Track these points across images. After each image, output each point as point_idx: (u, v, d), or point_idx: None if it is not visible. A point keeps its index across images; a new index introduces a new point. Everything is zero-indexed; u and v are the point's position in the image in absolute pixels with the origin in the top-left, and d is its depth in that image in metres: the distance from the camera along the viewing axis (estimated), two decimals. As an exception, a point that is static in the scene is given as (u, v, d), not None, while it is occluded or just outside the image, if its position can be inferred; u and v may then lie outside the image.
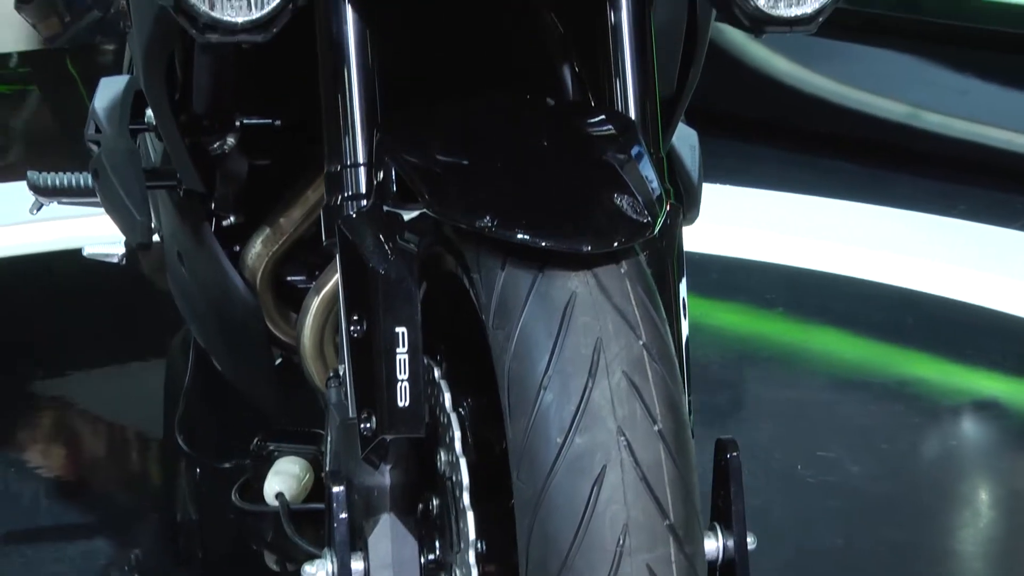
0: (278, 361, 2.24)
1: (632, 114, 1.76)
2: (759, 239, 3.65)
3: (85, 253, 2.89)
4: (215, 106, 1.99)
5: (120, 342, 3.15)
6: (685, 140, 2.20)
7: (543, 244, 1.54)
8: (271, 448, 2.48)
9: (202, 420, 2.80)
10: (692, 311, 1.73)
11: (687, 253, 1.78)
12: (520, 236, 1.55)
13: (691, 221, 2.17)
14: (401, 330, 1.65)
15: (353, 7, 1.73)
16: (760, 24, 1.74)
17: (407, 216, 1.66)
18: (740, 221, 3.74)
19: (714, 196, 3.78)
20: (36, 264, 3.46)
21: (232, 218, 2.15)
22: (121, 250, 2.85)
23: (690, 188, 2.17)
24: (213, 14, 1.63)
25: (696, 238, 3.50)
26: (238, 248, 2.16)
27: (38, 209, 2.70)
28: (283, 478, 2.41)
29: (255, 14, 1.64)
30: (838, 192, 3.90)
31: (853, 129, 4.20)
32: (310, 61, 1.76)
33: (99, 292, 3.27)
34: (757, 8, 1.72)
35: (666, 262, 1.70)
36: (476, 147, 1.66)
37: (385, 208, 1.68)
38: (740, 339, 3.33)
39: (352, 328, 1.68)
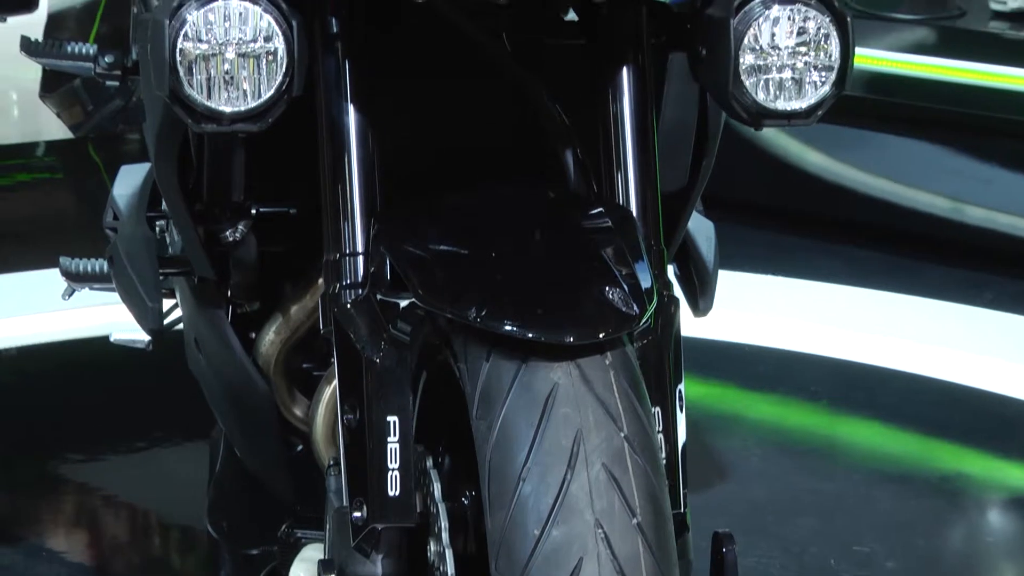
0: (299, 448, 2.24)
1: (633, 206, 1.77)
2: (802, 330, 3.62)
3: (113, 339, 2.91)
4: (230, 194, 2.00)
5: (147, 427, 3.17)
6: (702, 231, 2.20)
7: (527, 335, 1.55)
8: (298, 535, 2.47)
9: (232, 506, 2.80)
10: (732, 403, 1.72)
11: (722, 343, 1.78)
12: (504, 327, 1.56)
13: (705, 312, 2.16)
14: (393, 419, 1.66)
15: (354, 98, 1.75)
16: (758, 117, 1.74)
17: (401, 305, 1.67)
18: (781, 311, 3.72)
19: (752, 286, 3.81)
20: (66, 350, 3.48)
21: (247, 305, 2.15)
22: (148, 336, 2.87)
23: (704, 279, 2.16)
24: (209, 104, 1.66)
25: (739, 329, 3.56)
26: (253, 335, 2.16)
27: (70, 295, 2.72)
28: (308, 565, 2.40)
29: (250, 105, 1.67)
30: (867, 281, 3.88)
31: (879, 218, 4.18)
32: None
33: (126, 378, 3.29)
34: (755, 102, 1.73)
35: (662, 355, 1.70)
36: (469, 238, 1.68)
37: (379, 297, 1.69)
38: (781, 431, 3.30)
39: (345, 416, 1.68)
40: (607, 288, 1.60)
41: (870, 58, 4.27)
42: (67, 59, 2.76)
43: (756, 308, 3.66)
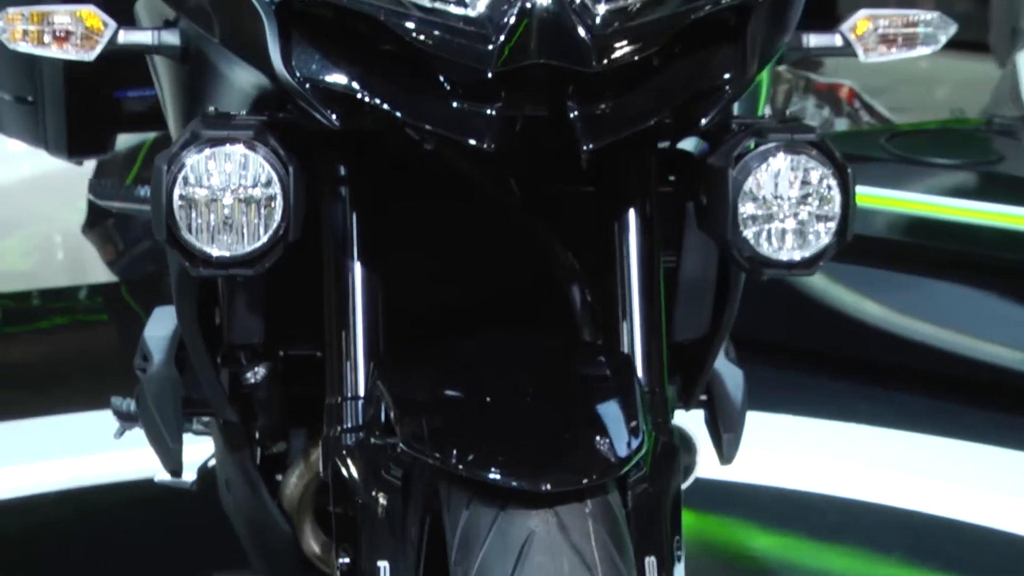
0: None
1: (637, 353, 1.77)
2: (862, 478, 3.59)
3: (156, 479, 2.90)
4: (252, 336, 2.01)
5: (190, 568, 3.15)
6: (729, 378, 2.18)
7: (507, 482, 1.55)
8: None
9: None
10: (801, 555, 1.69)
11: (786, 491, 1.76)
12: (485, 474, 1.56)
13: (729, 460, 2.15)
14: (383, 564, 1.66)
15: (359, 242, 1.77)
16: (758, 267, 1.74)
17: (398, 449, 1.67)
18: (841, 457, 3.69)
19: (807, 431, 3.79)
20: (112, 491, 3.48)
21: (272, 447, 2.15)
22: (192, 476, 2.87)
23: (730, 427, 2.15)
24: (205, 249, 1.67)
25: (805, 476, 3.52)
26: (279, 477, 2.16)
27: (120, 434, 2.74)
28: None
29: (246, 249, 1.68)
30: (915, 426, 3.85)
31: (923, 363, 4.16)
32: None
33: (170, 518, 3.28)
34: (755, 251, 1.73)
35: (659, 503, 1.69)
36: (461, 384, 1.69)
37: (373, 441, 1.70)
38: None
39: (340, 560, 1.70)
40: (593, 435, 1.60)
41: (909, 202, 4.28)
42: (134, 202, 2.80)
43: (814, 453, 3.62)
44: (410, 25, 1.63)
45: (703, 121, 1.70)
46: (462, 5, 1.64)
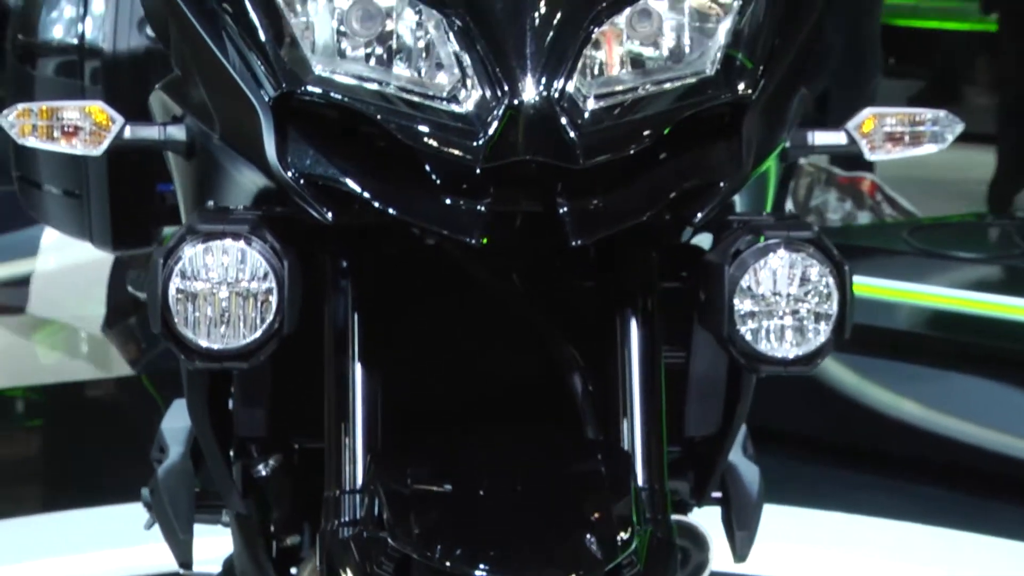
0: None
1: (637, 449, 1.77)
2: (889, 573, 3.55)
3: (182, 573, 2.90)
4: (264, 428, 2.01)
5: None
6: (746, 475, 2.17)
7: None
8: None
9: None
10: None
11: None
12: (469, 571, 1.57)
13: (743, 557, 2.13)
14: None
15: (359, 337, 1.78)
16: (755, 363, 1.73)
17: (390, 544, 1.66)
18: (863, 551, 3.66)
19: (828, 524, 3.76)
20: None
21: (287, 539, 2.15)
22: (217, 568, 2.86)
23: (744, 524, 2.13)
24: (199, 342, 1.68)
25: (825, 570, 3.48)
26: (294, 570, 2.15)
27: (150, 526, 2.73)
28: None
29: (240, 343, 1.69)
30: (932, 519, 3.81)
31: (938, 454, 4.15)
32: None
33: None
34: (752, 348, 1.73)
35: None
36: (453, 479, 1.69)
37: (366, 535, 1.70)
38: None
39: None
40: (582, 532, 1.61)
41: (932, 296, 4.28)
42: None
43: (834, 547, 3.58)
44: (399, 121, 1.65)
45: (697, 218, 1.70)
46: (453, 101, 1.66)
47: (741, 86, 1.70)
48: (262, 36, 1.70)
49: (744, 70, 1.71)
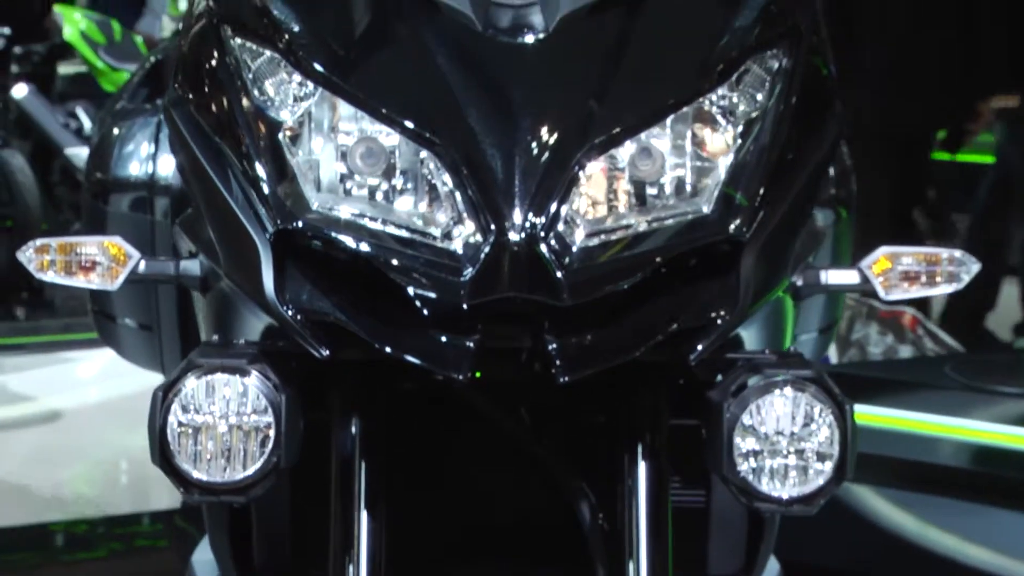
0: None
1: None
2: None
3: None
4: (283, 560, 2.01)
5: None
6: None
7: None
8: None
9: None
10: None
11: None
12: None
13: None
14: None
15: (366, 472, 1.80)
16: (755, 501, 1.73)
17: None
18: None
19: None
20: None
21: None
22: None
23: None
24: (197, 476, 1.69)
25: None
26: None
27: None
28: None
29: (238, 476, 1.71)
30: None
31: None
32: None
33: None
34: (752, 486, 1.72)
35: None
36: None
37: None
38: None
39: None
40: None
41: (975, 431, 4.24)
42: None
43: None
44: (390, 258, 1.67)
45: (694, 355, 1.70)
46: (447, 238, 1.67)
47: (736, 224, 1.70)
48: (263, 173, 1.73)
49: (741, 208, 1.71)
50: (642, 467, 1.79)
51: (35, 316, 6.83)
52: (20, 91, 7.27)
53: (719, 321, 1.70)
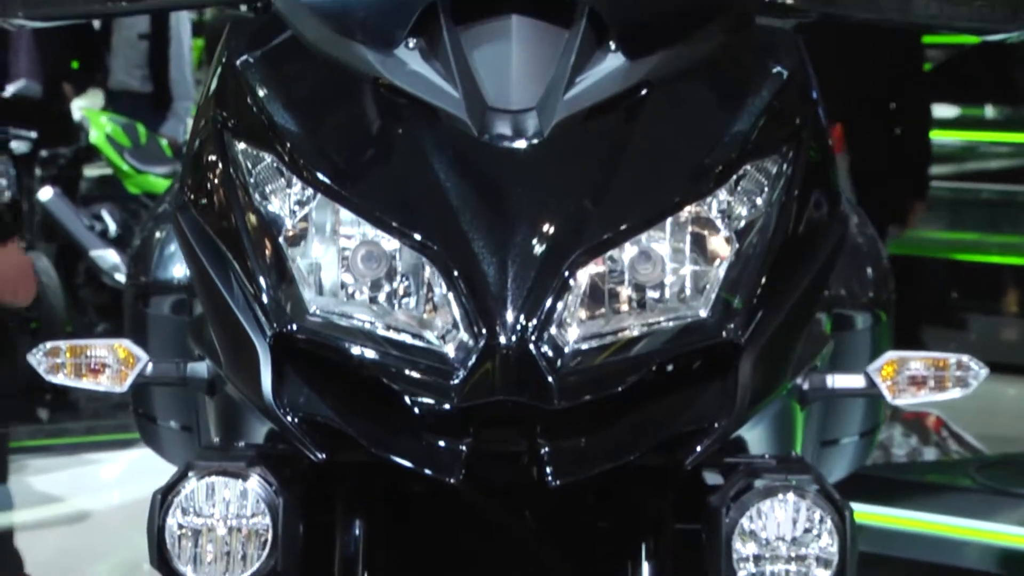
0: None
1: None
2: None
3: None
4: None
5: None
6: None
7: None
8: None
9: None
10: None
11: None
12: None
13: None
14: None
15: (371, 571, 1.79)
16: None
17: None
18: None
19: None
20: None
21: None
22: None
23: None
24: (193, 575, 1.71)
25: None
26: None
27: None
28: None
29: None
30: None
31: None
32: None
33: None
34: None
35: None
36: None
37: None
38: None
39: None
40: None
41: (1000, 534, 4.22)
42: None
43: None
44: (383, 362, 1.69)
45: (690, 460, 1.69)
46: (442, 342, 1.69)
47: (732, 327, 1.70)
48: (263, 276, 1.75)
49: (738, 312, 1.71)
50: (646, 571, 1.79)
51: (59, 418, 6.83)
52: (46, 194, 7.30)
53: (716, 425, 1.70)
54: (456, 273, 1.68)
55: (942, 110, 7.41)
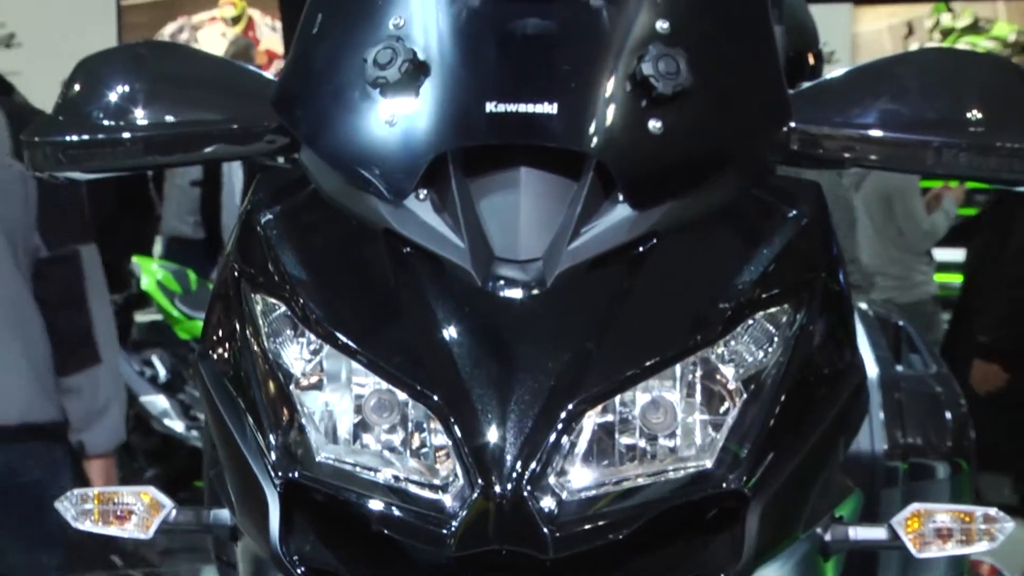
0: None
1: None
2: None
3: None
4: None
5: None
6: None
7: None
8: None
9: None
10: None
11: None
12: None
13: None
14: None
15: None
16: None
17: None
18: None
19: None
20: None
21: None
22: None
23: None
24: None
25: None
26: None
27: None
28: None
29: None
30: None
31: None
32: None
33: None
34: None
35: None
36: None
37: None
38: None
39: None
40: None
41: None
42: None
43: None
44: (382, 511, 1.70)
45: None
46: (443, 491, 1.69)
47: (737, 476, 1.68)
48: (274, 423, 1.77)
49: (745, 461, 1.69)
50: None
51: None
52: (97, 340, 7.35)
53: (721, 574, 1.67)
54: (454, 422, 1.68)
55: None
